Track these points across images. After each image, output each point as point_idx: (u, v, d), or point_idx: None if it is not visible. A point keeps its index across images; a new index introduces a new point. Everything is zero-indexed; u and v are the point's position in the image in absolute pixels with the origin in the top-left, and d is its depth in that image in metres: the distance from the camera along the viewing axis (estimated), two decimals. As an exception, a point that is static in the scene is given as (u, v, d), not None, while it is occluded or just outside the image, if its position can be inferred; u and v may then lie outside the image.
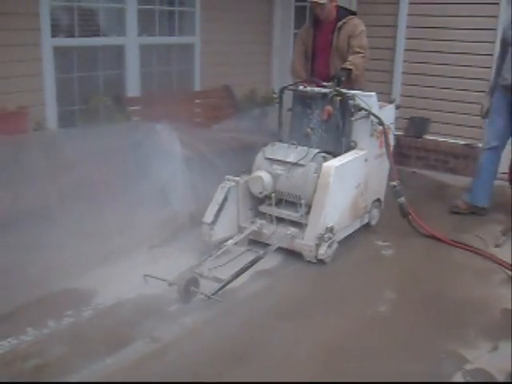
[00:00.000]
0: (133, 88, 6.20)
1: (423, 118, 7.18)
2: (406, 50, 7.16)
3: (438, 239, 4.94)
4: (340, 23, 5.39)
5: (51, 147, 4.76)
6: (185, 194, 4.86)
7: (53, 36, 5.38)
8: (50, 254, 4.02)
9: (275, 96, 5.10)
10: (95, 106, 5.82)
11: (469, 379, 3.19)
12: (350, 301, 4.01)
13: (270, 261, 4.46)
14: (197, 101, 6.80)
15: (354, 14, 5.61)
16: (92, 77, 6.01)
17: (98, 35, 5.95)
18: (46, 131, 5.28)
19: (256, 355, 3.34)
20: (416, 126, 7.22)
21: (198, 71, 6.89)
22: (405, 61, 7.20)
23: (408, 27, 7.09)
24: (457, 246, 4.87)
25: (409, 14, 7.06)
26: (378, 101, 4.97)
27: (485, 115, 5.54)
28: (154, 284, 3.94)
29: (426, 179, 6.50)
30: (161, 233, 4.67)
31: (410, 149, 7.24)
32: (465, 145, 6.76)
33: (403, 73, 7.23)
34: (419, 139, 7.19)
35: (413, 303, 4.00)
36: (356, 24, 5.41)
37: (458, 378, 3.20)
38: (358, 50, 5.30)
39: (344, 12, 5.51)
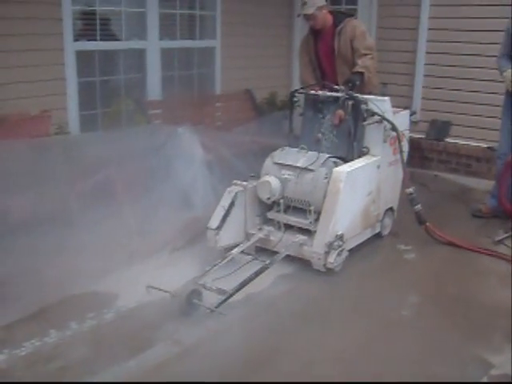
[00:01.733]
0: (154, 91, 6.23)
1: (444, 121, 7.12)
2: (427, 52, 7.11)
3: (458, 246, 4.86)
4: (338, 28, 5.20)
5: (73, 151, 4.78)
6: (206, 196, 4.84)
7: (75, 40, 5.43)
8: (72, 257, 4.04)
9: (296, 100, 5.02)
10: (117, 109, 5.86)
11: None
12: (373, 304, 3.98)
13: (291, 264, 4.44)
14: (218, 104, 6.82)
15: (351, 15, 5.44)
16: (113, 80, 6.06)
17: (119, 39, 5.99)
18: (68, 135, 5.32)
19: (280, 359, 3.33)
20: (437, 129, 7.17)
21: (219, 75, 6.91)
22: (426, 64, 7.14)
23: (430, 29, 7.04)
24: (478, 252, 4.80)
25: (430, 17, 7.02)
26: (393, 106, 4.86)
27: None
28: (174, 287, 3.88)
29: (448, 183, 6.45)
30: (183, 236, 4.66)
31: (431, 152, 7.20)
32: (487, 148, 6.69)
33: (425, 75, 7.18)
34: (441, 142, 7.13)
35: (437, 307, 3.96)
36: (355, 25, 5.22)
37: (484, 383, 3.17)
38: (364, 51, 5.11)
39: (341, 16, 5.33)
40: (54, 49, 5.28)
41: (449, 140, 7.11)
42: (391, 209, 5.12)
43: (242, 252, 4.42)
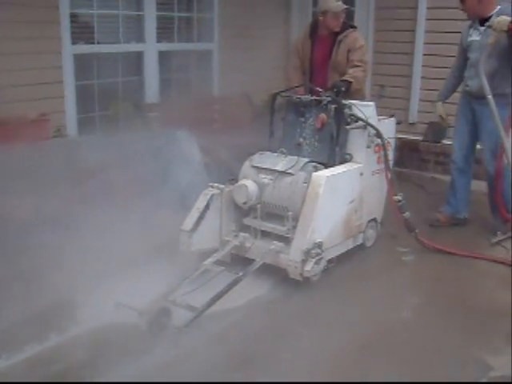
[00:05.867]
0: (152, 94, 6.24)
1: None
2: (424, 54, 7.13)
3: (450, 253, 4.80)
4: (341, 36, 5.24)
5: (71, 154, 4.78)
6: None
7: (73, 43, 5.44)
8: (71, 260, 4.01)
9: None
10: (115, 112, 5.86)
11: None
12: (372, 306, 3.98)
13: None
14: (215, 107, 6.81)
15: (354, 27, 5.45)
16: (111, 83, 6.06)
17: (117, 42, 6.00)
18: (67, 138, 5.33)
19: (277, 362, 3.33)
20: (434, 131, 7.18)
21: (217, 77, 6.92)
22: (423, 65, 7.16)
23: (427, 32, 7.06)
24: (472, 257, 4.76)
25: (427, 19, 7.04)
26: (386, 109, 4.82)
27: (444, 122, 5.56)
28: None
29: (446, 185, 6.43)
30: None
31: (428, 154, 7.20)
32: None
33: (422, 77, 7.20)
34: (438, 144, 7.14)
35: (436, 309, 3.97)
36: (356, 38, 5.28)
37: (483, 385, 3.18)
38: (357, 64, 5.15)
39: (344, 25, 5.34)
40: (51, 52, 5.28)
41: (446, 142, 7.12)
42: (375, 220, 4.94)
43: (217, 261, 4.24)
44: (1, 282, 3.75)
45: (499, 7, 4.92)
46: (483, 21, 5.01)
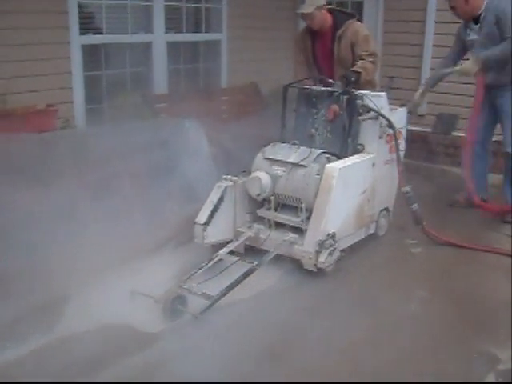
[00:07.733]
0: (160, 85, 6.23)
1: (451, 115, 7.08)
2: (434, 45, 7.07)
3: (457, 246, 4.77)
4: (340, 31, 5.01)
5: (79, 145, 4.78)
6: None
7: (81, 34, 5.42)
8: (77, 251, 4.01)
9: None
10: (123, 103, 5.85)
11: (501, 380, 3.15)
12: (379, 299, 3.97)
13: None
14: (224, 98, 6.80)
15: (352, 16, 5.18)
16: (119, 74, 6.05)
17: (125, 32, 5.97)
18: (75, 129, 5.32)
19: (287, 355, 3.32)
20: (444, 123, 7.13)
21: (225, 68, 6.90)
22: (433, 57, 7.10)
23: (437, 23, 7.00)
24: (479, 250, 4.72)
25: (438, 10, 6.97)
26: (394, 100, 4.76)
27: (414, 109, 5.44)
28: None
29: (455, 176, 6.40)
30: (187, 230, 4.64)
31: (438, 146, 7.16)
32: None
33: (432, 69, 7.13)
34: (448, 136, 7.10)
35: (443, 302, 3.95)
36: (357, 30, 5.03)
37: (491, 378, 3.15)
38: (365, 57, 4.96)
39: (341, 16, 5.11)
40: (59, 42, 5.27)
41: (456, 133, 7.07)
42: (387, 209, 4.96)
43: (231, 251, 4.29)
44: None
45: (485, 2, 5.04)
46: (476, 19, 5.13)
